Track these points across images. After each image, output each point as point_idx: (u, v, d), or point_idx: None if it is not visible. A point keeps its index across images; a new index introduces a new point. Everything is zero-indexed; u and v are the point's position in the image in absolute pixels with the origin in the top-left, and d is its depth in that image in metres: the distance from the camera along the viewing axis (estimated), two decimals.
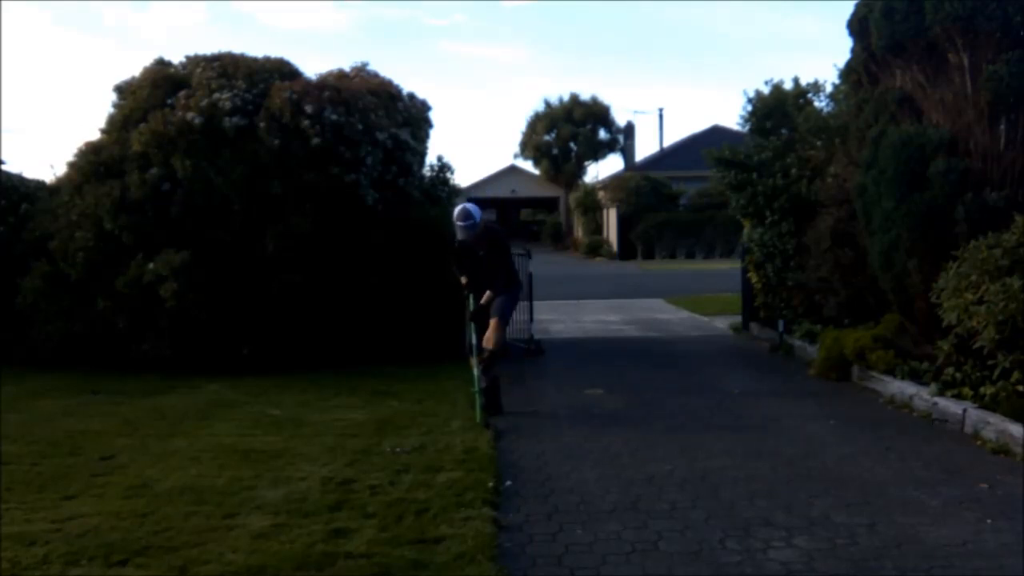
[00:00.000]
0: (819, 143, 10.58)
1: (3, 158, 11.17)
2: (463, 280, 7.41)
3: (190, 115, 9.41)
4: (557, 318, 14.19)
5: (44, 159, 55.51)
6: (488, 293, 7.12)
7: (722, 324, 13.06)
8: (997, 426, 5.87)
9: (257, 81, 9.83)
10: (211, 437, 6.41)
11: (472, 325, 7.37)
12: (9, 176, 10.76)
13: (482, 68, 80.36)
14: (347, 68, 10.72)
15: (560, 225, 46.77)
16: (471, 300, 7.35)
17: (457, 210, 7.10)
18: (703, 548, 4.08)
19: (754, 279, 11.35)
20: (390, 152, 9.98)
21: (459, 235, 7.08)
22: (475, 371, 7.13)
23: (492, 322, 7.02)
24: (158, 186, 9.45)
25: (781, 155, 10.92)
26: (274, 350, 9.32)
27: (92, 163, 9.88)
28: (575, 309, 15.85)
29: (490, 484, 5.01)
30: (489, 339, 7.00)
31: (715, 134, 32.45)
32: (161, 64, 10.49)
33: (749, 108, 11.56)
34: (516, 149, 48.74)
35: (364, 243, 9.56)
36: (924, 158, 7.28)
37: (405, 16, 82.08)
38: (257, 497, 4.85)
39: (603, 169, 68.57)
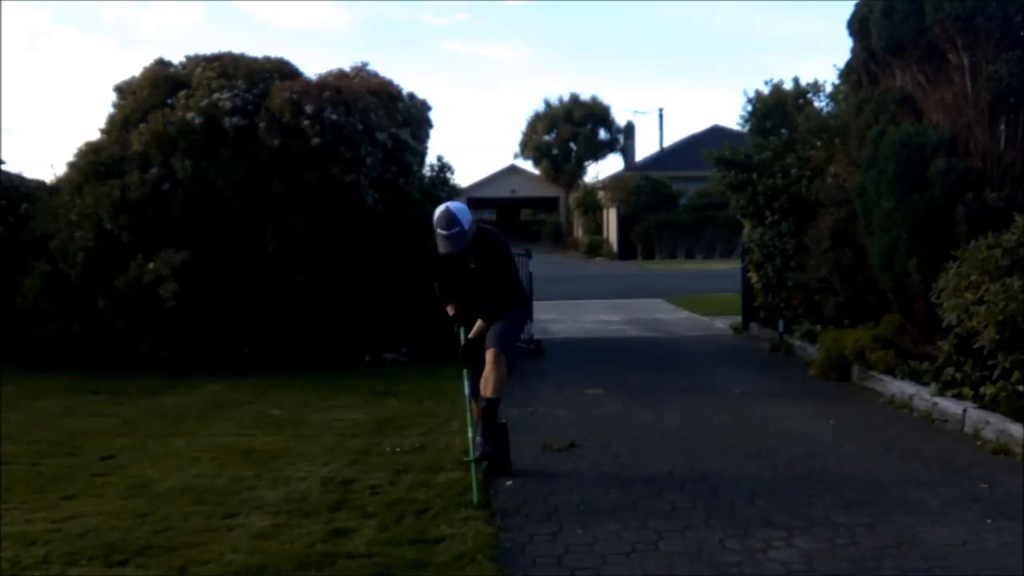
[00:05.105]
0: (819, 143, 10.58)
1: (3, 158, 11.20)
2: (450, 311, 5.55)
3: (190, 115, 9.41)
4: (557, 318, 14.19)
5: (44, 159, 55.66)
6: (479, 323, 5.22)
7: (722, 324, 13.05)
8: (997, 426, 5.87)
9: (257, 81, 9.84)
10: (211, 437, 6.41)
11: (466, 372, 5.34)
12: (9, 176, 10.75)
13: (482, 68, 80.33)
14: (347, 68, 10.74)
15: (560, 225, 46.74)
16: (462, 334, 5.44)
17: (437, 214, 5.02)
18: (703, 548, 4.08)
19: (754, 279, 11.36)
20: (390, 152, 9.99)
21: (441, 247, 5.04)
22: (470, 432, 5.17)
23: (489, 355, 5.04)
24: (158, 186, 9.45)
25: (781, 155, 10.93)
26: (274, 350, 9.32)
27: (92, 163, 9.88)
28: (575, 309, 15.84)
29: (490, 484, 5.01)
30: (488, 381, 5.03)
31: (715, 134, 32.36)
32: (161, 64, 10.50)
33: (749, 108, 11.58)
34: (516, 149, 48.68)
35: (364, 243, 9.56)
36: (924, 158, 7.28)
37: (406, 15, 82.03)
38: (257, 497, 4.86)
39: (603, 169, 68.45)
